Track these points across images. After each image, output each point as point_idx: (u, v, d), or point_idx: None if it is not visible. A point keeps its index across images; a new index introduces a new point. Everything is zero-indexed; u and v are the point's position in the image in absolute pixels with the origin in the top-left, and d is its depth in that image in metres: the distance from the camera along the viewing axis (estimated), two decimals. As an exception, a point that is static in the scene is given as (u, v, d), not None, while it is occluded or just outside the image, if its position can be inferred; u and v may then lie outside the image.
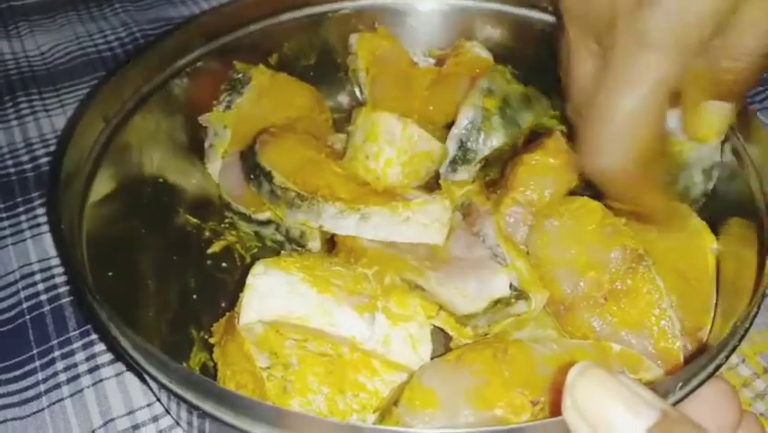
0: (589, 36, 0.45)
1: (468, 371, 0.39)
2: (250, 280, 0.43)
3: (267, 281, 0.42)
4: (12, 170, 0.67)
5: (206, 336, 0.48)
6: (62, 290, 0.57)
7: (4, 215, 0.63)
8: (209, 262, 0.57)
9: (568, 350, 0.41)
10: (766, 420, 0.48)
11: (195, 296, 0.54)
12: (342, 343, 0.41)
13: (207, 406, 0.34)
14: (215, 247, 0.58)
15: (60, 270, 0.58)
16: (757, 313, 0.39)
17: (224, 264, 0.56)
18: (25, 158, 0.69)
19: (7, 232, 0.62)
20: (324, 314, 0.42)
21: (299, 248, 0.55)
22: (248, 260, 0.57)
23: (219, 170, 0.60)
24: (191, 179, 0.61)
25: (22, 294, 0.56)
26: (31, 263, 0.59)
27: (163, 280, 0.54)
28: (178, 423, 0.47)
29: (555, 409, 0.37)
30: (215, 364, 0.45)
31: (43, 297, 0.56)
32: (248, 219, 0.57)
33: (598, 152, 0.42)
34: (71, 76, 0.78)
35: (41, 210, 0.63)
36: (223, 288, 0.54)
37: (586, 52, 0.46)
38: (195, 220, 0.59)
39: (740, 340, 0.38)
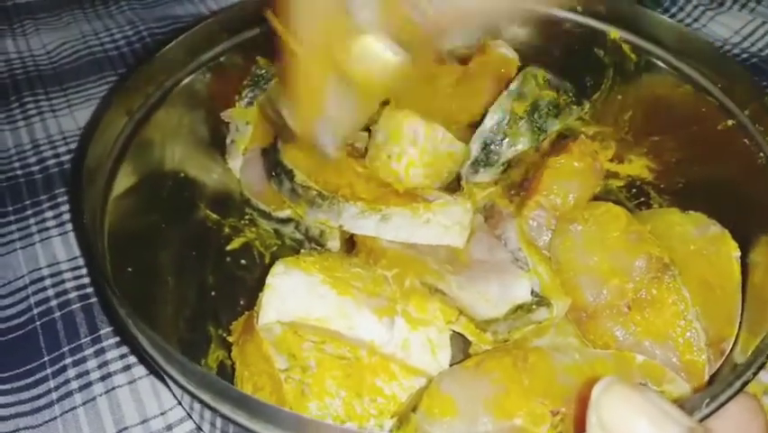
0: None
1: (487, 378, 0.38)
2: (270, 279, 0.43)
3: (287, 282, 0.42)
4: (19, 171, 0.66)
5: (224, 334, 0.49)
6: (72, 295, 0.56)
7: (12, 218, 0.62)
8: (228, 258, 0.57)
9: (589, 360, 0.40)
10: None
11: (213, 293, 0.54)
12: (360, 346, 0.41)
13: (224, 408, 0.34)
14: (235, 244, 0.57)
15: (71, 274, 0.58)
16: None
17: (243, 261, 0.56)
18: (32, 159, 0.68)
19: (16, 236, 0.61)
20: (344, 316, 0.41)
21: (318, 247, 0.54)
22: (267, 258, 0.57)
23: (240, 167, 0.60)
24: (212, 175, 0.60)
25: (32, 300, 0.56)
26: (40, 268, 0.58)
27: (182, 277, 0.54)
28: (199, 427, 0.48)
29: (577, 422, 0.37)
30: (233, 363, 0.45)
31: (53, 302, 0.56)
32: (268, 217, 0.57)
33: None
34: (78, 75, 0.78)
35: (50, 213, 0.63)
36: (241, 285, 0.54)
37: None
38: (215, 216, 0.59)
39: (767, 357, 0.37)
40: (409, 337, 0.41)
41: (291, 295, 0.42)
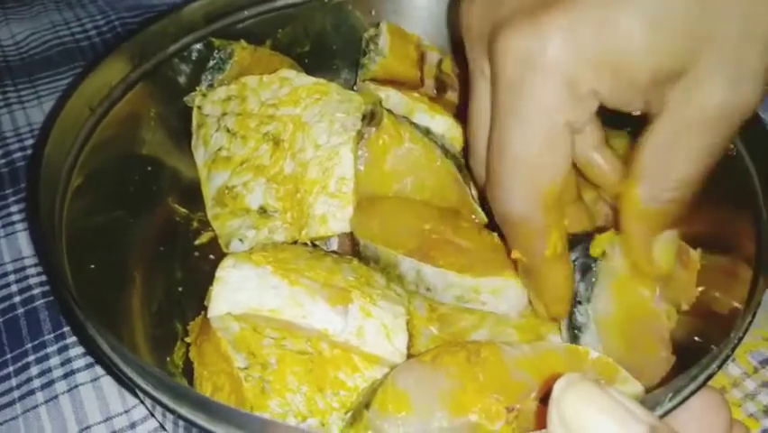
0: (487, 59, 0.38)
1: (443, 373, 0.38)
2: (219, 272, 0.42)
3: (237, 274, 0.42)
4: (-15, 164, 0.65)
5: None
6: (36, 291, 0.55)
7: (-24, 213, 0.61)
8: (196, 253, 0.56)
9: (540, 353, 0.39)
10: (757, 422, 0.48)
11: (180, 288, 0.53)
12: (316, 336, 0.41)
13: (183, 411, 0.33)
14: (203, 238, 0.57)
15: (35, 270, 0.57)
16: (752, 321, 0.38)
17: (211, 256, 0.55)
18: (-1, 152, 0.66)
19: (-21, 231, 0.59)
20: (296, 306, 0.41)
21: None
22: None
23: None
24: (181, 168, 0.59)
25: (-5, 296, 0.55)
26: (4, 264, 0.57)
27: (149, 272, 0.53)
28: (162, 426, 0.47)
29: (537, 418, 0.37)
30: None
31: (17, 299, 0.55)
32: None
33: (497, 196, 0.39)
34: (47, 66, 0.76)
35: (15, 208, 0.62)
36: (209, 280, 0.53)
37: (484, 81, 0.39)
38: (183, 210, 0.58)
39: (733, 350, 0.37)
40: (364, 324, 0.41)
41: (241, 287, 0.41)
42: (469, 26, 0.39)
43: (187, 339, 0.45)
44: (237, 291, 0.41)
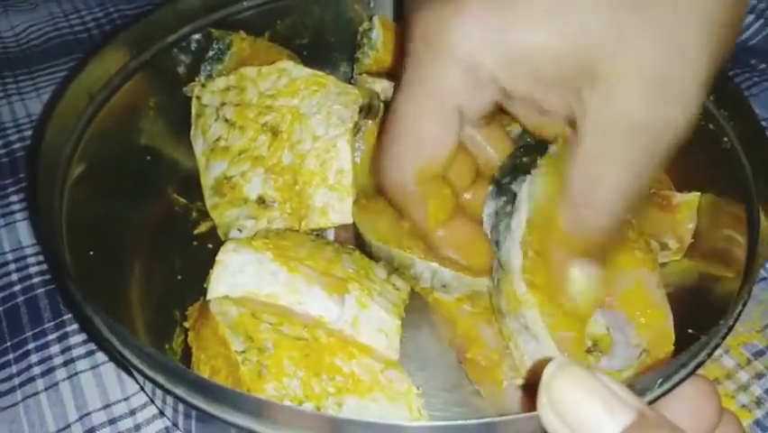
0: None
1: None
2: (220, 256, 0.43)
3: (237, 258, 0.42)
4: (-15, 154, 0.65)
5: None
6: (37, 280, 0.56)
7: (-23, 202, 0.61)
8: (195, 242, 0.56)
9: None
10: (749, 412, 0.48)
11: (179, 277, 0.54)
12: (312, 323, 0.41)
13: (180, 391, 0.34)
14: (202, 228, 0.57)
15: (35, 259, 0.57)
16: (743, 310, 0.38)
17: (210, 245, 0.55)
18: (-2, 142, 0.67)
19: (-19, 220, 0.60)
20: (294, 292, 0.41)
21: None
22: (234, 241, 0.56)
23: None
24: (179, 157, 0.60)
25: (-4, 285, 0.55)
26: (4, 253, 0.57)
27: (148, 261, 0.53)
28: (162, 412, 0.47)
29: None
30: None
31: (17, 287, 0.55)
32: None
33: (380, 163, 0.41)
34: (46, 58, 0.76)
35: (15, 198, 0.62)
36: (208, 269, 0.53)
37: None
38: (182, 200, 0.58)
39: (723, 338, 0.37)
40: (359, 315, 0.41)
41: (241, 271, 0.42)
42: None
43: (186, 324, 0.46)
44: (236, 274, 0.42)
